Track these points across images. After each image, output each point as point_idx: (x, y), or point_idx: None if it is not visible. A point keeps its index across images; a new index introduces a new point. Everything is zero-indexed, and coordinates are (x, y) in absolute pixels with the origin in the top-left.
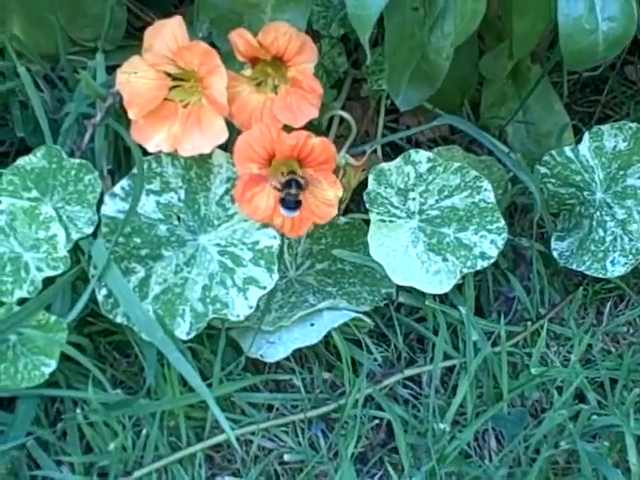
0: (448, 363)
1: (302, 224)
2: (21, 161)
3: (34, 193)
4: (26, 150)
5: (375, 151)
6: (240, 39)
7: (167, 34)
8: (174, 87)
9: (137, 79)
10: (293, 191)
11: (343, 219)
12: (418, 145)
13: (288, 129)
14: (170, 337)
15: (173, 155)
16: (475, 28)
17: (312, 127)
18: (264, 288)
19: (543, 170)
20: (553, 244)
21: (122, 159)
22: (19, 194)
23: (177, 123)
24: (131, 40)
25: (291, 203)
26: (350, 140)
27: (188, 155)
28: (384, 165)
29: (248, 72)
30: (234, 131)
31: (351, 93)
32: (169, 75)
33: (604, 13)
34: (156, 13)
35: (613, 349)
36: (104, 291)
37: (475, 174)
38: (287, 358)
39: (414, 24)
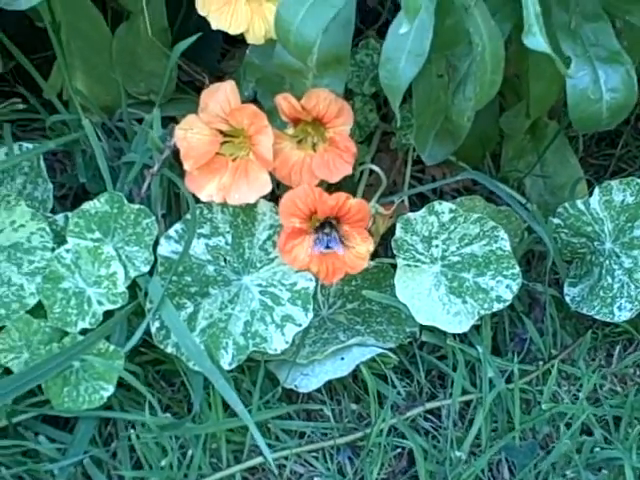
0: (466, 398)
1: (335, 273)
2: (86, 205)
3: (97, 234)
4: (84, 193)
5: (402, 200)
6: (285, 102)
7: (221, 96)
8: (225, 142)
9: (193, 135)
10: (326, 230)
11: (372, 263)
12: (442, 195)
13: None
14: (216, 366)
15: (222, 203)
16: (494, 95)
17: (345, 178)
18: (300, 325)
19: (557, 221)
20: (566, 290)
21: (173, 205)
22: (84, 235)
23: (227, 175)
24: (180, 93)
25: (324, 241)
26: (380, 191)
27: (236, 204)
28: (410, 215)
29: (290, 131)
30: (274, 182)
31: (380, 145)
32: (221, 132)
33: (607, 85)
34: (203, 69)
35: (620, 389)
36: (157, 324)
37: (493, 224)
38: (319, 390)
39: (439, 89)
